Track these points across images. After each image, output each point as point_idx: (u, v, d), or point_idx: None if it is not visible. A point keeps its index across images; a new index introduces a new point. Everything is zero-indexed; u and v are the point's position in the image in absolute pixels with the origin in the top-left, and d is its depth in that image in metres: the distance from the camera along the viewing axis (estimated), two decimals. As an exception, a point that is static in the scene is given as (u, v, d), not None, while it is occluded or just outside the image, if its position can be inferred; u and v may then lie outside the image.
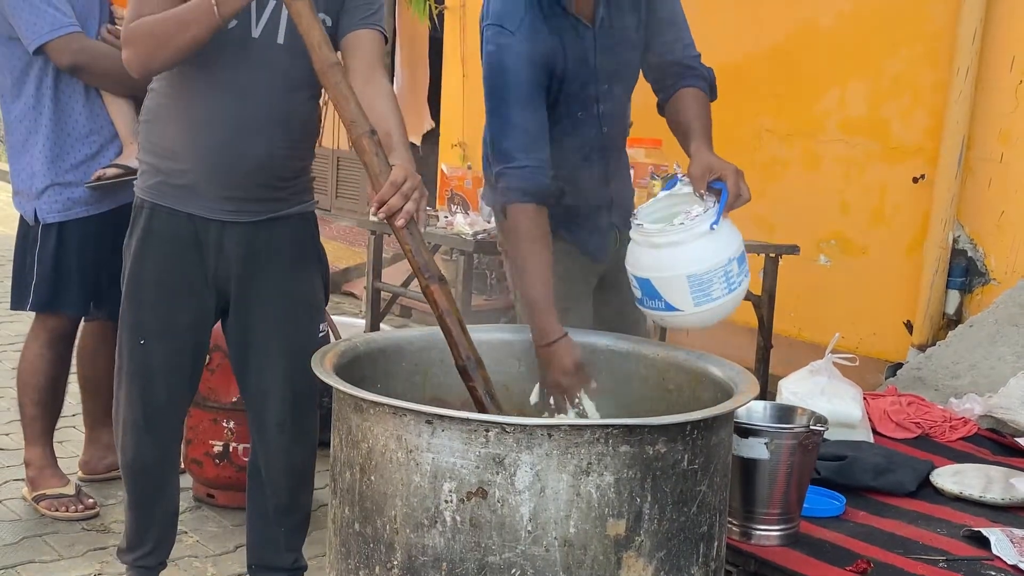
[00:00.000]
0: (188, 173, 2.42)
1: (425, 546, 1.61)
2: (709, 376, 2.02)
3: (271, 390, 2.59)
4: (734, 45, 5.55)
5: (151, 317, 2.50)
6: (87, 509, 3.33)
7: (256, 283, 2.53)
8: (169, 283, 2.48)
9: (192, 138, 2.40)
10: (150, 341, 2.50)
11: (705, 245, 2.17)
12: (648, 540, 1.62)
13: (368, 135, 1.97)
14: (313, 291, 2.65)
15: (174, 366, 2.54)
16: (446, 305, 1.95)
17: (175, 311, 2.50)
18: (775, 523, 2.33)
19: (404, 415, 1.62)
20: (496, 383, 2.20)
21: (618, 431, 1.58)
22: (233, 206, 2.45)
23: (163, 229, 2.46)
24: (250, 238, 2.49)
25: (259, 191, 2.47)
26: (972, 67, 4.60)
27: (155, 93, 2.48)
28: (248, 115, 2.40)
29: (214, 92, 2.38)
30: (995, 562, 2.24)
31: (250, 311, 2.55)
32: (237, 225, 2.47)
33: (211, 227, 2.46)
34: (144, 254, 2.48)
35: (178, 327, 2.52)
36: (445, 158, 7.43)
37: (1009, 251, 4.62)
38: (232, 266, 2.50)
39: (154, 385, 2.52)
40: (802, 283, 5.17)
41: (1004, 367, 3.65)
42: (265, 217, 2.50)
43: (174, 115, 2.43)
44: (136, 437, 2.55)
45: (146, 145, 2.49)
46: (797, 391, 2.90)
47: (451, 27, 7.82)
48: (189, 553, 3.14)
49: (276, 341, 2.57)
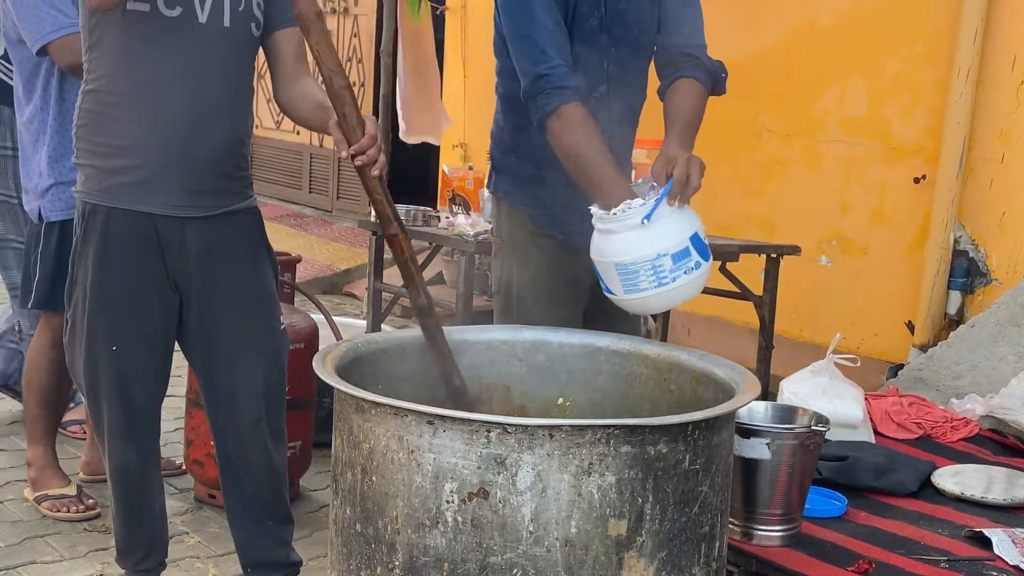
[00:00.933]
0: (144, 168, 2.38)
1: (427, 546, 1.61)
2: (710, 376, 2.02)
3: (242, 387, 2.57)
4: (734, 44, 5.54)
5: (123, 322, 2.46)
6: (88, 510, 3.33)
7: (216, 279, 2.52)
8: (136, 285, 2.46)
9: (147, 132, 2.37)
10: (123, 346, 2.47)
11: (633, 237, 2.15)
12: (650, 540, 1.62)
13: (348, 88, 2.07)
14: (270, 284, 2.65)
15: (149, 368, 2.52)
16: (409, 252, 2.12)
17: (145, 313, 2.48)
18: (776, 523, 2.33)
19: (405, 415, 1.62)
20: (497, 384, 2.22)
21: (619, 431, 1.58)
22: (191, 200, 2.43)
23: (123, 231, 2.42)
24: (208, 233, 2.48)
25: (217, 182, 2.46)
26: (973, 67, 4.61)
27: (96, 93, 2.41)
28: (203, 103, 2.39)
29: (165, 83, 2.36)
30: (997, 562, 2.25)
31: (212, 308, 2.53)
32: (195, 221, 2.46)
33: (171, 224, 2.43)
34: (106, 259, 2.43)
35: (149, 329, 2.50)
36: (446, 159, 7.43)
37: (1010, 251, 4.61)
38: (191, 263, 2.48)
39: (131, 389, 2.50)
40: (803, 283, 5.17)
41: (1006, 367, 3.65)
42: (220, 211, 2.49)
43: (123, 112, 2.38)
44: (120, 443, 2.54)
45: (89, 147, 2.44)
46: (798, 391, 2.90)
47: (452, 28, 7.83)
48: (190, 554, 3.14)
49: (242, 337, 2.56)
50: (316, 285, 7.13)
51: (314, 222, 9.19)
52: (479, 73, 7.60)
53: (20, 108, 3.31)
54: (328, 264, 7.78)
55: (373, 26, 8.87)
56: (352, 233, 8.54)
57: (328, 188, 9.66)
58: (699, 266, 2.16)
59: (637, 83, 2.63)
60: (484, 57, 8.72)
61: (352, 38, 9.37)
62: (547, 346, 2.24)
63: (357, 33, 9.34)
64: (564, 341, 2.25)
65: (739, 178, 5.56)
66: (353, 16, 9.34)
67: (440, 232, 4.57)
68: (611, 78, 2.55)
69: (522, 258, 2.64)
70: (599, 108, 2.52)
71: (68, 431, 4.00)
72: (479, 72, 7.60)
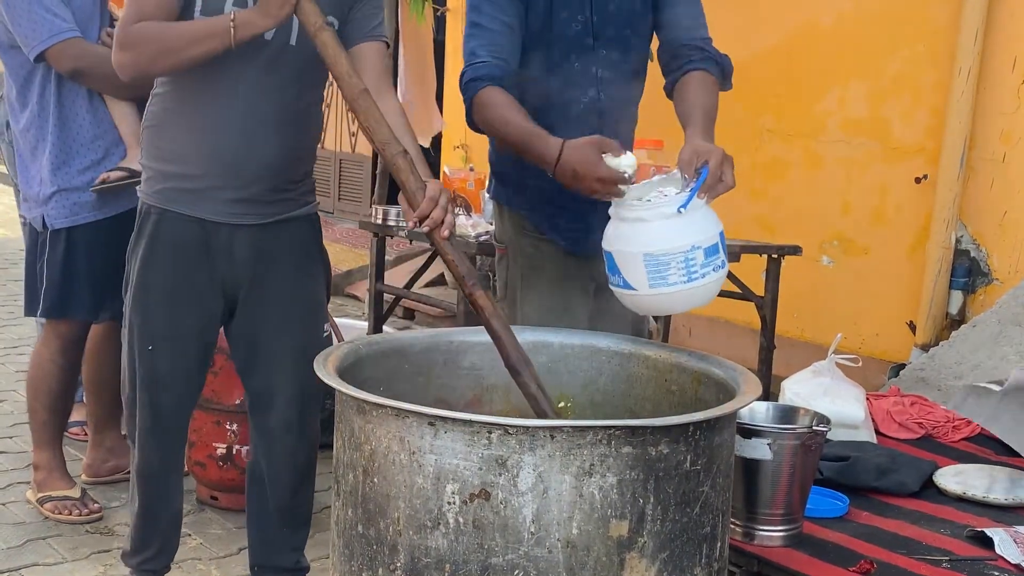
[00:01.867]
0: (199, 177, 2.42)
1: (428, 548, 1.61)
2: (711, 377, 2.02)
3: (278, 391, 2.60)
4: (735, 45, 5.52)
5: (159, 323, 2.50)
6: (91, 513, 3.34)
7: (264, 285, 2.54)
8: (178, 288, 2.49)
9: (204, 142, 2.40)
10: (157, 347, 2.50)
11: (668, 226, 2.07)
12: (651, 541, 1.62)
13: (402, 155, 2.06)
14: (318, 292, 2.68)
15: (180, 371, 2.55)
16: (491, 309, 2.01)
17: (182, 316, 2.50)
18: (778, 524, 2.33)
19: (407, 417, 1.62)
20: (498, 384, 2.22)
21: (621, 432, 1.58)
22: (243, 208, 2.46)
23: (172, 234, 2.46)
24: (259, 240, 2.51)
25: (269, 194, 2.49)
26: (974, 67, 4.61)
27: (160, 98, 2.47)
28: (260, 118, 2.42)
29: (226, 95, 2.39)
30: (999, 562, 2.24)
31: (258, 313, 2.56)
32: (246, 228, 2.48)
33: (221, 231, 2.47)
34: (152, 260, 2.47)
35: (185, 332, 2.52)
36: (447, 160, 7.43)
37: (1012, 251, 4.61)
38: (241, 269, 2.51)
39: (161, 391, 2.53)
40: (804, 284, 5.17)
41: (1007, 367, 3.65)
42: (273, 219, 2.51)
43: (183, 119, 2.43)
44: (145, 442, 2.56)
45: (151, 151, 2.49)
46: (800, 392, 2.89)
47: (453, 29, 7.83)
48: (192, 555, 3.14)
49: (284, 342, 2.58)
50: (317, 286, 7.13)
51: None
52: (480, 74, 7.60)
53: (15, 115, 3.29)
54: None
55: (374, 27, 8.86)
56: (353, 234, 8.54)
57: (329, 189, 9.66)
58: (724, 265, 2.11)
59: (631, 85, 2.62)
60: (485, 58, 8.60)
61: (353, 39, 9.36)
62: (548, 347, 2.24)
63: (358, 34, 9.33)
64: (565, 342, 2.25)
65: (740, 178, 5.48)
66: (354, 17, 9.33)
67: (441, 233, 4.57)
68: (602, 81, 2.54)
69: (525, 263, 2.66)
70: (590, 114, 2.51)
71: (69, 433, 4.01)
72: (480, 73, 7.60)
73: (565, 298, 2.62)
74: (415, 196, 2.05)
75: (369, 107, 2.08)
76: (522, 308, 2.65)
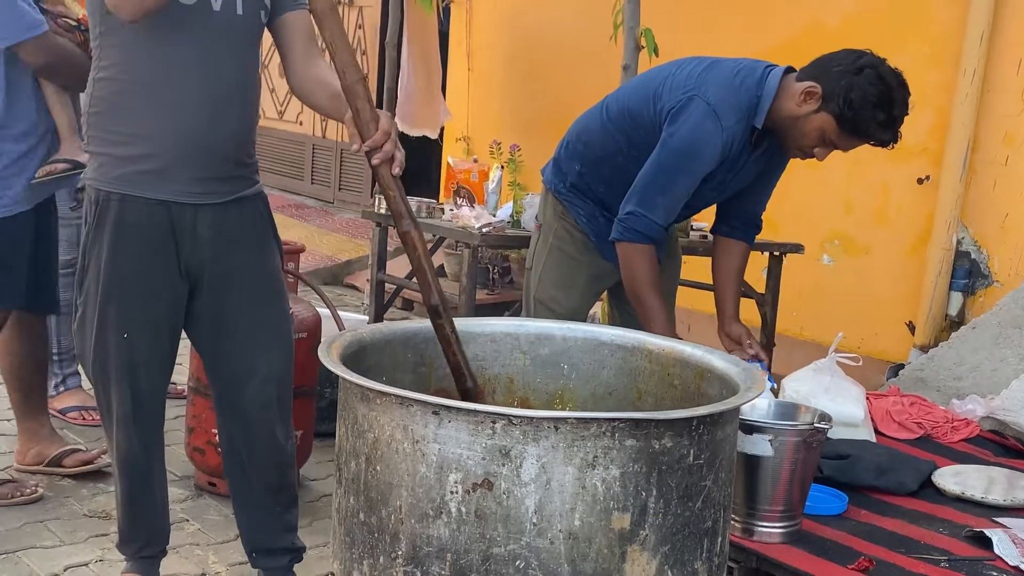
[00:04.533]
0: (160, 157, 2.38)
1: (430, 536, 1.61)
2: (715, 372, 2.02)
3: (253, 371, 2.58)
4: (740, 45, 5.54)
5: (134, 309, 2.46)
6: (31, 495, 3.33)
7: (228, 264, 2.52)
8: (149, 273, 2.45)
9: (163, 121, 2.36)
10: (133, 334, 2.47)
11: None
12: (653, 534, 1.62)
13: (362, 82, 2.02)
14: (278, 269, 2.66)
15: (156, 356, 2.52)
16: (422, 249, 2.04)
17: (156, 301, 2.48)
18: (778, 520, 2.34)
19: (411, 405, 1.62)
20: (501, 375, 2.22)
21: (624, 425, 1.58)
22: (205, 187, 2.44)
23: (137, 218, 2.41)
24: (220, 220, 2.48)
25: (229, 169, 2.47)
26: (979, 69, 4.61)
27: (108, 81, 2.39)
28: (218, 92, 2.40)
29: (181, 71, 2.35)
30: (997, 563, 2.25)
31: (224, 293, 2.54)
32: (208, 207, 2.46)
33: (186, 211, 2.43)
34: (120, 246, 2.42)
35: (159, 316, 2.50)
36: (450, 151, 7.43)
37: (1012, 253, 4.62)
38: (205, 250, 2.48)
39: (139, 377, 2.50)
40: (805, 282, 5.18)
41: (1007, 369, 3.65)
42: (231, 198, 2.49)
43: (138, 100, 2.37)
44: (125, 431, 2.53)
45: (102, 136, 2.42)
46: (800, 389, 2.90)
47: (457, 21, 7.82)
48: (190, 541, 3.14)
49: (255, 319, 2.57)
50: (317, 276, 7.13)
51: (315, 213, 9.18)
52: (483, 67, 7.60)
53: None
54: (329, 255, 7.77)
55: (378, 18, 8.86)
56: (354, 224, 8.54)
57: (330, 179, 9.65)
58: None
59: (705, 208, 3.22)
60: (488, 51, 8.74)
61: (357, 29, 9.35)
62: (551, 339, 2.24)
63: (362, 25, 9.33)
64: (568, 334, 2.25)
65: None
66: (358, 8, 9.33)
67: (444, 224, 4.58)
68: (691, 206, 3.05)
69: (555, 242, 3.17)
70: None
71: (67, 417, 4.01)
72: (483, 66, 7.60)
73: (580, 282, 3.16)
74: (368, 125, 2.03)
75: (338, 24, 2.03)
76: (540, 277, 3.19)
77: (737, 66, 2.87)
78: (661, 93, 2.88)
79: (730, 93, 2.79)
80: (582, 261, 3.16)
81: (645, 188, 2.84)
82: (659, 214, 2.85)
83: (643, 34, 4.98)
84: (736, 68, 2.86)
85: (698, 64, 2.89)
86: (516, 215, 4.59)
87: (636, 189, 2.86)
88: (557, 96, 6.76)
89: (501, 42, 7.47)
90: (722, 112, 2.77)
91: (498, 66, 7.48)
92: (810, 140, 2.85)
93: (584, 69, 6.48)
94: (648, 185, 2.84)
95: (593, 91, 3.73)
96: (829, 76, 2.78)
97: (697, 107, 2.77)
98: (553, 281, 3.17)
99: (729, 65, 2.87)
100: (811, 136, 2.84)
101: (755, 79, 2.83)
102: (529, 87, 7.16)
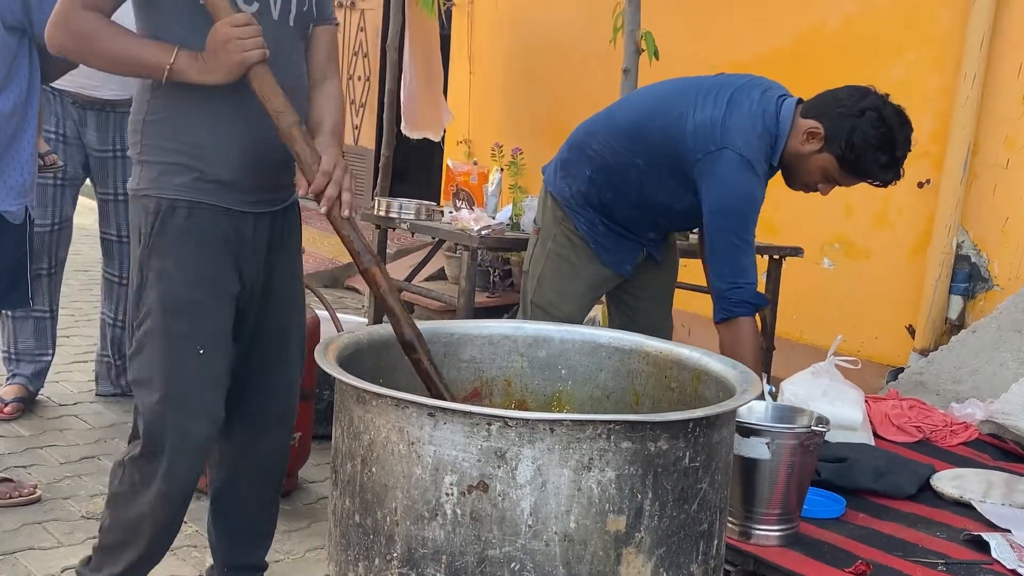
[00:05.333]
0: (223, 165, 2.29)
1: (425, 538, 1.61)
2: (711, 374, 2.02)
3: (284, 381, 2.53)
4: (741, 48, 5.55)
5: (209, 324, 2.32)
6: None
7: (277, 273, 2.47)
8: (219, 285, 2.33)
9: (226, 128, 2.27)
10: (208, 349, 2.31)
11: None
12: (648, 536, 1.62)
13: (297, 125, 2.05)
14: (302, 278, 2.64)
15: (223, 373, 2.36)
16: (386, 285, 2.04)
17: (226, 314, 2.36)
18: (775, 523, 2.33)
19: (406, 407, 1.62)
20: (498, 378, 2.22)
21: (620, 427, 1.57)
22: (262, 196, 2.39)
23: (207, 228, 2.30)
24: (272, 229, 2.44)
25: (281, 178, 2.42)
26: (979, 72, 4.61)
27: (168, 88, 2.26)
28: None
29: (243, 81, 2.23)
30: (994, 566, 2.25)
31: (271, 301, 2.48)
32: (265, 216, 2.41)
33: (247, 220, 2.36)
34: (186, 256, 2.29)
35: (227, 330, 2.37)
36: (450, 154, 7.43)
37: (1013, 257, 4.62)
38: (261, 259, 2.42)
39: (210, 397, 2.32)
40: (805, 286, 5.17)
41: (1006, 373, 3.65)
42: (281, 206, 2.46)
43: (197, 109, 2.27)
44: (190, 459, 2.34)
45: (163, 144, 2.29)
46: (798, 392, 2.90)
47: (458, 24, 7.83)
48: (188, 543, 3.14)
49: (292, 330, 2.54)
50: (318, 279, 7.13)
51: (316, 215, 9.08)
52: (485, 69, 7.61)
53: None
54: (330, 258, 7.77)
55: (380, 20, 8.87)
56: (354, 227, 8.53)
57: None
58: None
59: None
60: (490, 54, 8.73)
61: (359, 32, 9.36)
62: (548, 341, 2.24)
63: (364, 27, 9.34)
64: (566, 337, 2.25)
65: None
66: (360, 11, 9.33)
67: (444, 227, 4.57)
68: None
69: (554, 248, 3.19)
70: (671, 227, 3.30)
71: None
72: (485, 68, 7.61)
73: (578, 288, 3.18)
74: (310, 168, 2.04)
75: (264, 76, 2.06)
76: (538, 282, 3.21)
77: (755, 106, 2.89)
78: (680, 134, 2.89)
79: (755, 137, 2.85)
80: (581, 267, 3.18)
81: (727, 258, 2.87)
82: (752, 274, 2.88)
83: (643, 37, 4.99)
84: (755, 109, 2.88)
85: (715, 105, 2.89)
86: (516, 217, 4.58)
87: (720, 263, 2.88)
88: (558, 99, 6.76)
89: (502, 45, 7.47)
90: (755, 160, 2.83)
91: (499, 69, 7.49)
92: (813, 177, 2.92)
93: (585, 72, 6.49)
94: (728, 253, 2.86)
95: (594, 94, 3.74)
96: (831, 117, 2.83)
97: (731, 160, 2.81)
98: (551, 286, 3.20)
99: (747, 105, 2.89)
100: (814, 174, 2.91)
101: (772, 117, 2.88)
102: (530, 90, 7.16)
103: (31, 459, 3.64)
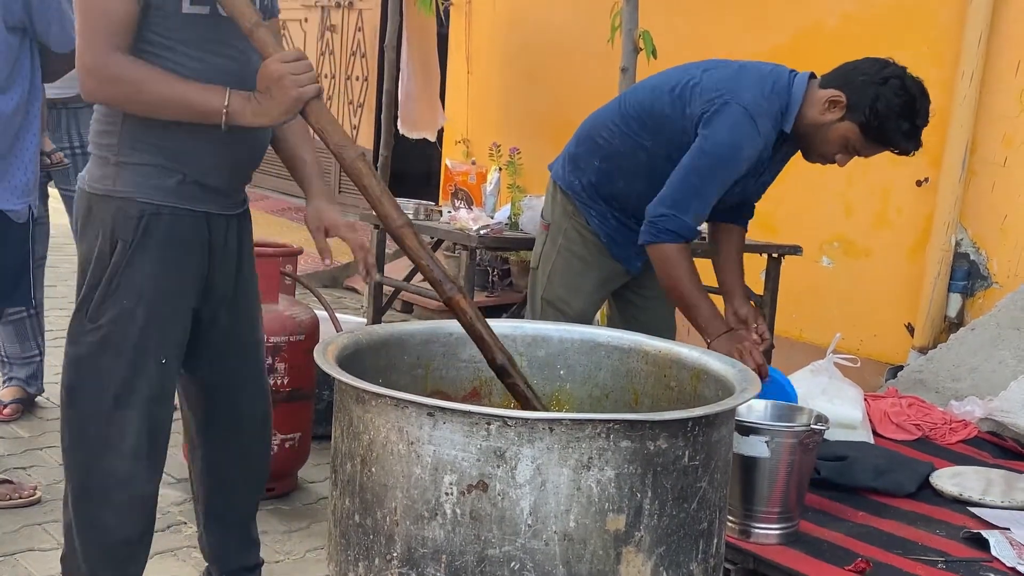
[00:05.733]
0: (204, 168, 2.26)
1: (425, 538, 1.61)
2: (710, 373, 2.01)
3: (248, 383, 2.52)
4: (739, 46, 5.55)
5: (174, 332, 2.31)
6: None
7: (242, 276, 2.46)
8: (186, 293, 2.32)
9: (206, 132, 2.20)
10: (171, 359, 2.31)
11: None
12: (648, 535, 1.62)
13: (361, 158, 1.98)
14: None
15: (175, 382, 2.38)
16: (473, 313, 1.96)
17: (186, 322, 2.34)
18: (774, 521, 2.34)
19: (406, 407, 1.62)
20: (495, 377, 2.21)
21: (619, 426, 1.57)
22: (236, 197, 2.40)
23: (184, 233, 2.27)
24: (238, 231, 2.42)
25: (248, 180, 2.43)
26: (977, 70, 4.61)
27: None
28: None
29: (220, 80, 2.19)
30: (994, 564, 2.25)
31: (239, 305, 2.46)
32: (235, 218, 2.40)
33: (220, 223, 2.35)
34: (167, 264, 2.26)
35: (185, 339, 2.36)
36: (449, 154, 7.43)
37: (1011, 255, 4.62)
38: (231, 262, 2.41)
39: (163, 405, 2.33)
40: (804, 284, 5.17)
41: (1005, 371, 3.65)
42: (243, 208, 2.45)
43: None
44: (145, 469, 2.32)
45: (146, 147, 2.23)
46: (797, 390, 2.90)
47: (456, 23, 7.82)
48: (188, 544, 3.14)
49: (255, 333, 2.54)
50: (316, 279, 7.12)
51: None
52: (483, 69, 7.60)
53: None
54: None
55: (377, 20, 8.86)
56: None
57: (330, 182, 9.65)
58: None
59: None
60: (488, 53, 8.73)
61: (356, 32, 9.36)
62: (547, 341, 2.24)
63: (361, 27, 9.33)
64: (565, 336, 2.25)
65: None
66: (358, 10, 9.33)
67: (442, 227, 4.58)
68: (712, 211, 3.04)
69: (564, 243, 3.17)
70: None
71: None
72: (483, 68, 7.60)
73: (587, 279, 3.16)
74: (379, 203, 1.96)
75: (321, 108, 2.02)
76: (549, 277, 3.20)
77: (765, 70, 2.88)
78: (689, 97, 2.87)
79: (763, 98, 2.81)
80: (591, 263, 3.16)
81: (678, 191, 2.82)
82: (692, 216, 2.83)
83: (641, 36, 4.99)
84: (765, 73, 2.87)
85: (726, 68, 2.90)
86: (514, 217, 4.59)
87: (668, 192, 2.83)
88: (556, 98, 6.76)
89: (500, 45, 7.47)
90: (758, 117, 2.79)
91: (497, 69, 7.49)
92: (833, 147, 2.89)
93: (583, 71, 6.49)
94: (681, 188, 2.82)
95: (592, 93, 3.74)
96: (854, 85, 2.80)
97: (734, 111, 2.77)
98: (562, 282, 3.18)
99: (758, 69, 2.89)
100: (834, 143, 2.88)
101: (783, 84, 2.85)
102: (528, 89, 7.16)
103: (31, 460, 3.64)
